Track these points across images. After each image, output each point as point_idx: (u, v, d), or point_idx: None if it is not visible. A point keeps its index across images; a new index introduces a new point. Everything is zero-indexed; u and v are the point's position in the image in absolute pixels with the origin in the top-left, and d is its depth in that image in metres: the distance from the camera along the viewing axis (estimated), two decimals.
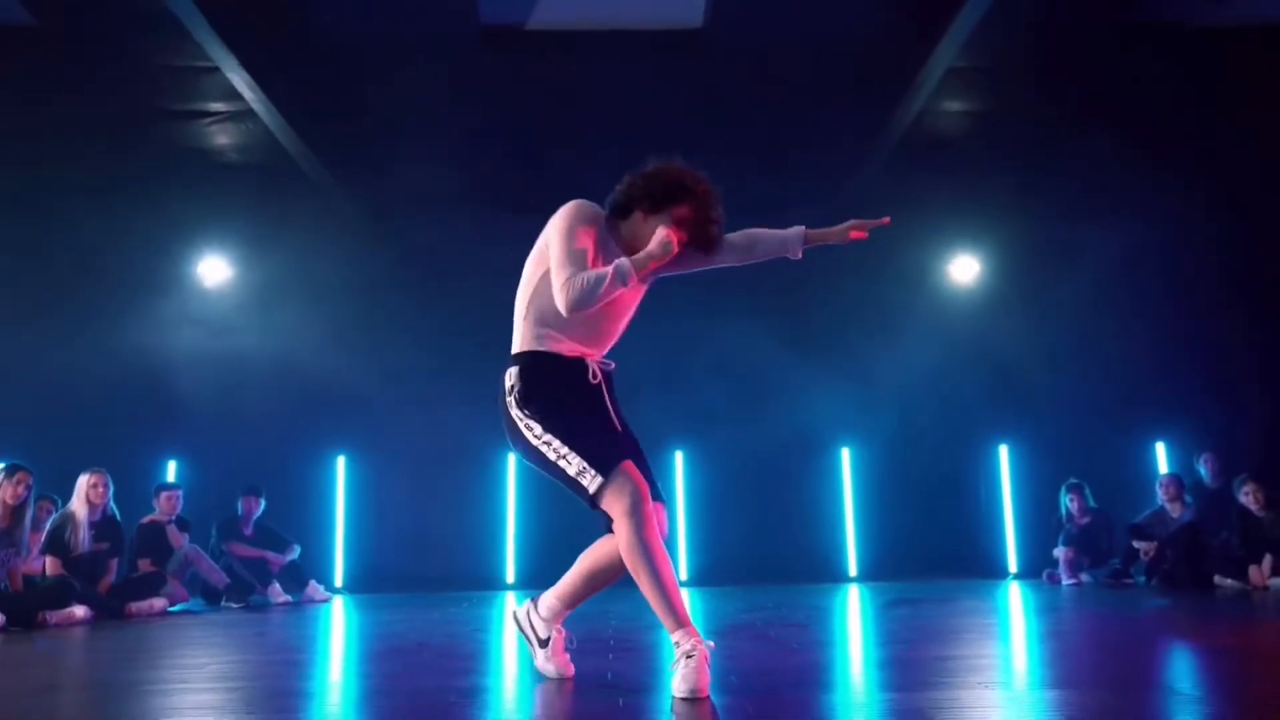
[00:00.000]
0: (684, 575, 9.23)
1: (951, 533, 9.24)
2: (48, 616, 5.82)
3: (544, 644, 3.32)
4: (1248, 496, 7.31)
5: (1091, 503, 8.32)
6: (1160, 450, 9.37)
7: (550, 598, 3.37)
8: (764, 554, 9.01)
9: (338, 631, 5.95)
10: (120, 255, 9.23)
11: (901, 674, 3.60)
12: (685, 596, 3.19)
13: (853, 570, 9.22)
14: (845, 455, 9.46)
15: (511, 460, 9.43)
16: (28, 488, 5.97)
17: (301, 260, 9.43)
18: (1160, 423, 9.34)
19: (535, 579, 9.04)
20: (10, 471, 5.95)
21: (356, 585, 8.95)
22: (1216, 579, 7.22)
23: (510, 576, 9.17)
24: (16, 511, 5.93)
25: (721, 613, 6.39)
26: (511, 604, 8.24)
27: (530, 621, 3.38)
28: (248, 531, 7.96)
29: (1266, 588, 6.97)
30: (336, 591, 8.81)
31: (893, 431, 9.27)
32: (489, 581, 9.05)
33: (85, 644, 5.40)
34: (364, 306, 9.43)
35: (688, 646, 2.92)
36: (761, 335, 9.12)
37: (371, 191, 9.27)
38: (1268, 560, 7.03)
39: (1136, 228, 9.03)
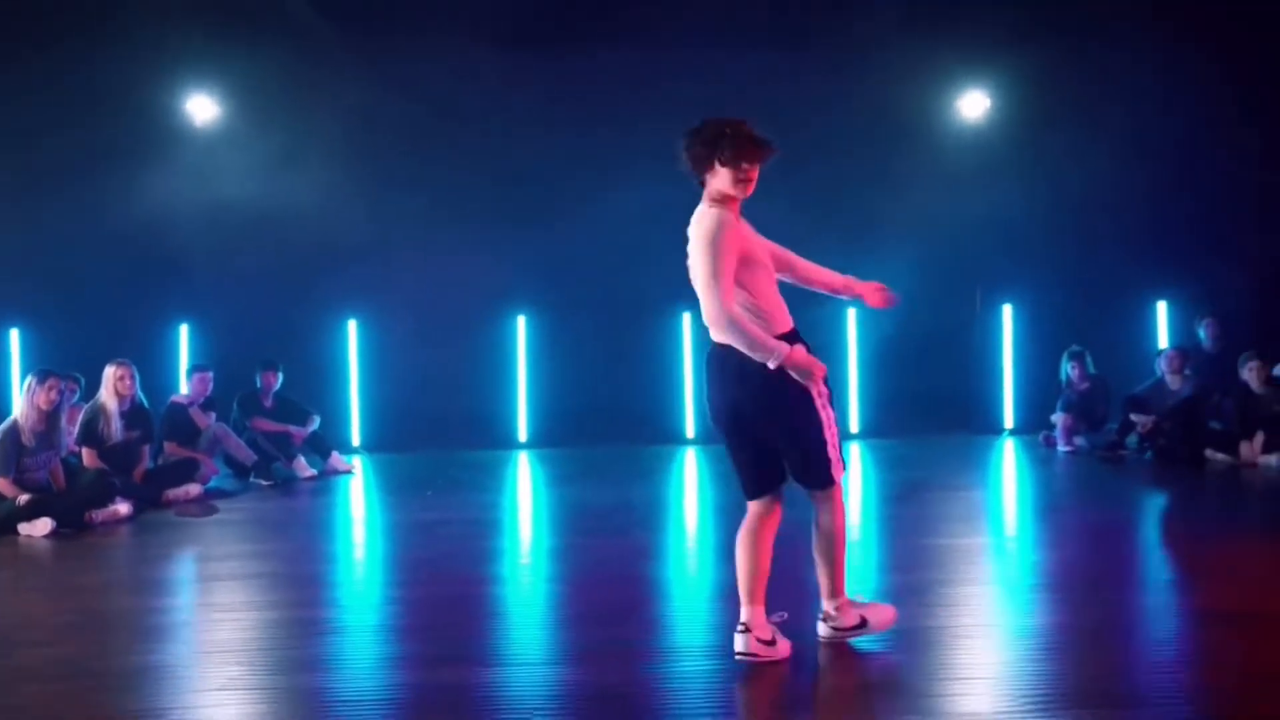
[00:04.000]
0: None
1: (951, 389, 9.49)
2: (94, 515, 6.01)
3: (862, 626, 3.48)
4: (1251, 373, 7.52)
5: (1091, 369, 8.52)
6: (1162, 310, 9.52)
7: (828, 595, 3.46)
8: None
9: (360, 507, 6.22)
10: (102, 103, 8.83)
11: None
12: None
13: (854, 426, 9.52)
14: (851, 315, 9.56)
15: (522, 320, 9.49)
16: (60, 392, 6.03)
17: (292, 99, 9.11)
18: (1162, 283, 9.43)
19: (547, 437, 9.32)
20: (41, 378, 5.99)
21: (375, 445, 9.19)
22: (1208, 453, 7.53)
23: (523, 435, 9.43)
24: (51, 416, 6.01)
25: None
26: (524, 464, 8.55)
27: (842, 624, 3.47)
28: (268, 404, 8.09)
29: (1255, 464, 7.30)
30: (355, 451, 9.07)
31: (894, 287, 9.28)
32: (503, 440, 9.31)
33: (133, 551, 5.63)
34: (363, 155, 9.19)
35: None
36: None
37: (364, 20, 8.88)
38: (1259, 437, 7.33)
39: (1146, 73, 8.86)
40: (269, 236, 9.02)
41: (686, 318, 9.44)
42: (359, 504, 7.18)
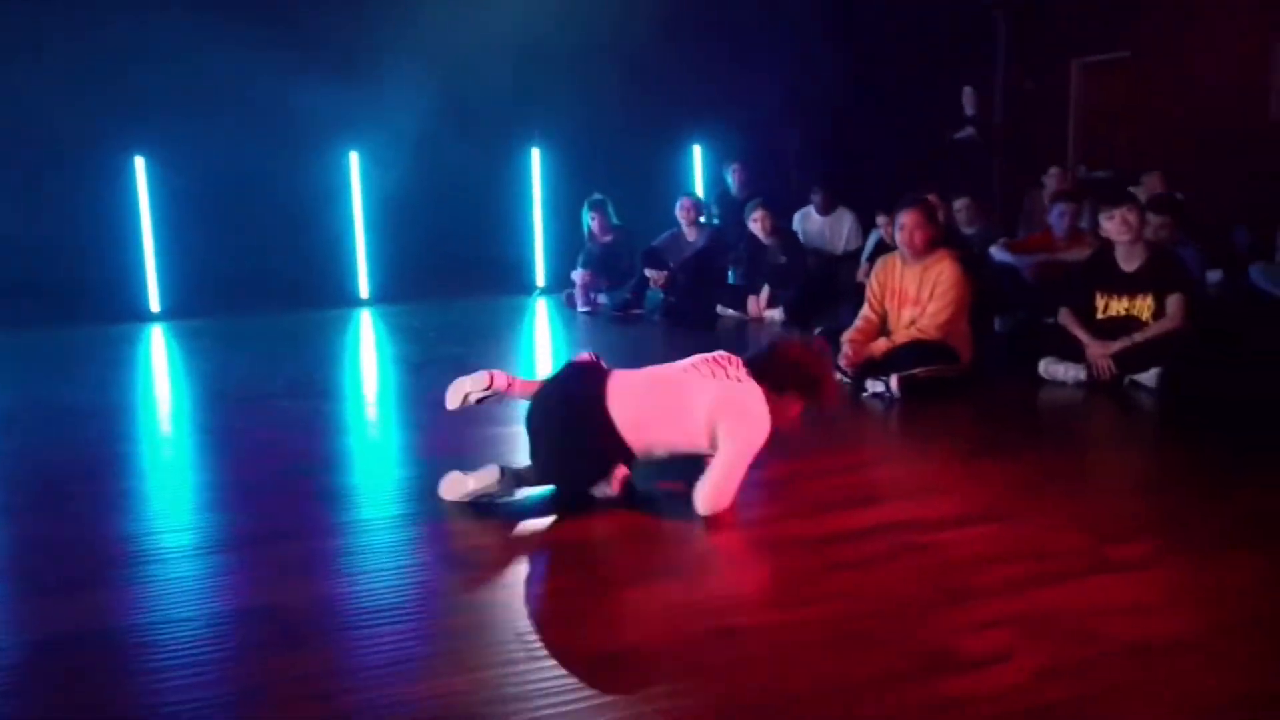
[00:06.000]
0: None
1: (482, 245, 8.46)
2: None
3: None
4: (756, 223, 6.97)
5: (614, 220, 7.68)
6: (697, 155, 8.90)
7: None
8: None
9: None
10: None
11: None
12: None
13: (364, 292, 8.20)
14: (354, 158, 8.09)
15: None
16: None
17: None
18: (698, 126, 8.79)
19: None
20: None
21: None
22: (719, 309, 6.99)
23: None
24: None
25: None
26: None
27: None
28: None
29: (762, 320, 6.82)
30: None
31: (406, 135, 8.06)
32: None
33: None
34: None
35: None
36: None
37: None
38: (765, 291, 6.84)
39: None
40: None
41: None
42: None
